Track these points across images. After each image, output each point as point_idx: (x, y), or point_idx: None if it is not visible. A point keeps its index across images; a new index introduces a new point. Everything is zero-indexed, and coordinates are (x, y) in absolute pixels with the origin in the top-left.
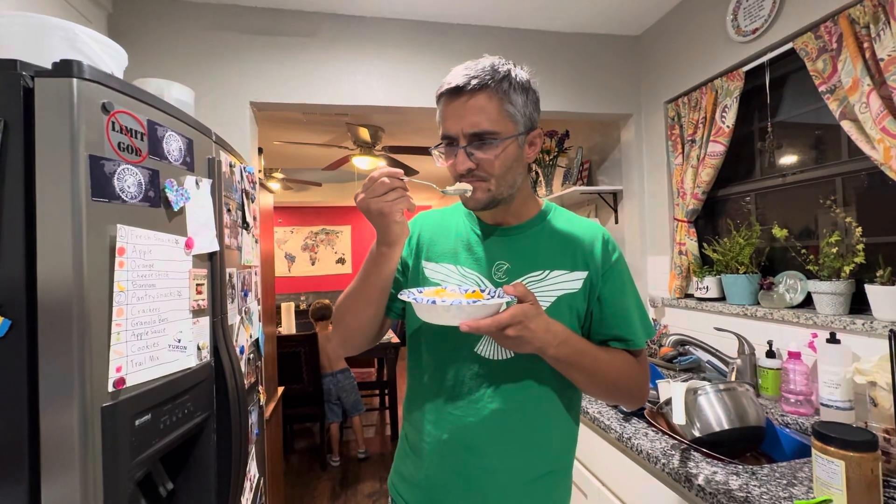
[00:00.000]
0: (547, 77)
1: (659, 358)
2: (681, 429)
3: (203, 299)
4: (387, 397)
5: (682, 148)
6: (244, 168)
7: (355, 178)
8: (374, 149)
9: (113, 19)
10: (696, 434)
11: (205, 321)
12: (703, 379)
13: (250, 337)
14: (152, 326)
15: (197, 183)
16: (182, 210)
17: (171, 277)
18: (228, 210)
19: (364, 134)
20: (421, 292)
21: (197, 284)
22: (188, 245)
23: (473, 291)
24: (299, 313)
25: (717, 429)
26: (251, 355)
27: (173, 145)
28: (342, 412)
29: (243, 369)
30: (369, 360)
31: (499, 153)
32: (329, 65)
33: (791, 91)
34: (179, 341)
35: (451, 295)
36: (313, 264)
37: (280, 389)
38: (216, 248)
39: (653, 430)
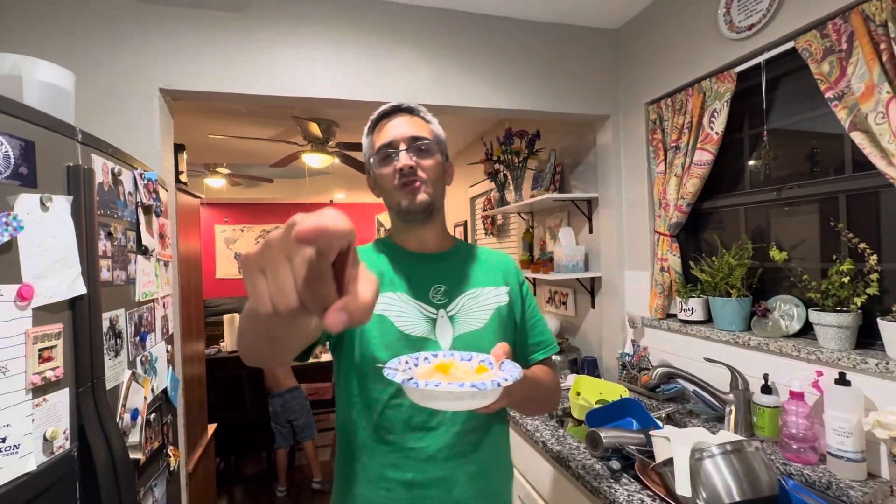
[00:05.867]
0: (516, 71)
1: (640, 385)
2: (683, 498)
3: (55, 367)
4: None
5: (665, 155)
6: (140, 175)
7: (306, 175)
8: (327, 145)
9: None
10: None
11: (60, 397)
12: (690, 412)
13: (152, 392)
14: None
15: (43, 203)
16: (10, 245)
17: None
18: (109, 234)
19: (314, 129)
20: (416, 365)
21: (41, 349)
22: (23, 296)
23: (476, 363)
24: None
25: (727, 501)
26: (153, 415)
27: None
28: (293, 435)
29: (137, 439)
30: (323, 376)
31: (433, 159)
32: (262, 47)
33: (785, 95)
34: (4, 440)
35: (459, 373)
36: None
37: (211, 428)
38: (81, 290)
39: (649, 496)
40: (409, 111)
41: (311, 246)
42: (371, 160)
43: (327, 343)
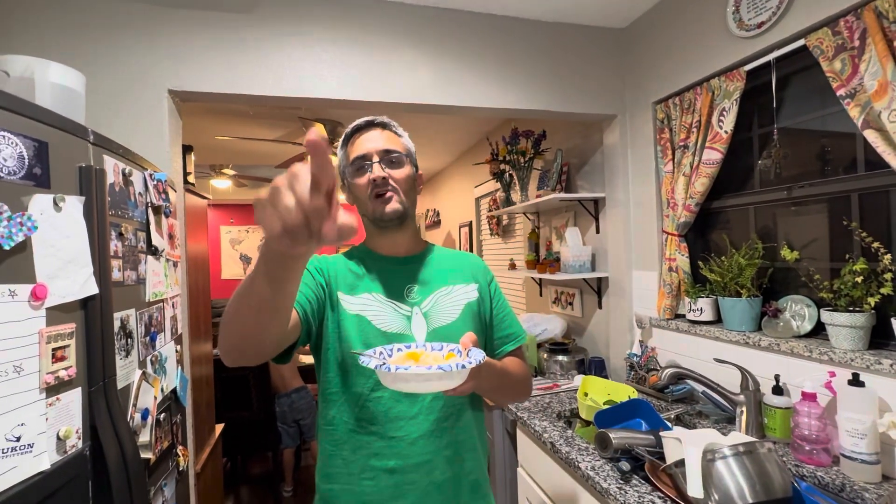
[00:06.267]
0: (522, 70)
1: (649, 386)
2: (695, 500)
3: (68, 367)
4: None
5: (673, 154)
6: (150, 175)
7: None
8: (333, 146)
9: None
10: None
11: (72, 396)
12: (699, 413)
13: (161, 391)
14: None
15: (56, 203)
16: (25, 245)
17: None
18: (120, 234)
19: (320, 130)
20: (390, 356)
21: (55, 349)
22: (37, 295)
23: (445, 353)
24: None
25: (740, 503)
26: (162, 415)
27: (6, 152)
28: (300, 435)
29: (147, 439)
30: None
31: (404, 170)
32: (270, 48)
33: (795, 94)
34: (19, 438)
35: (429, 359)
36: None
37: (219, 428)
38: (93, 290)
39: (660, 498)
40: (382, 125)
41: (318, 156)
42: (346, 171)
43: (308, 345)
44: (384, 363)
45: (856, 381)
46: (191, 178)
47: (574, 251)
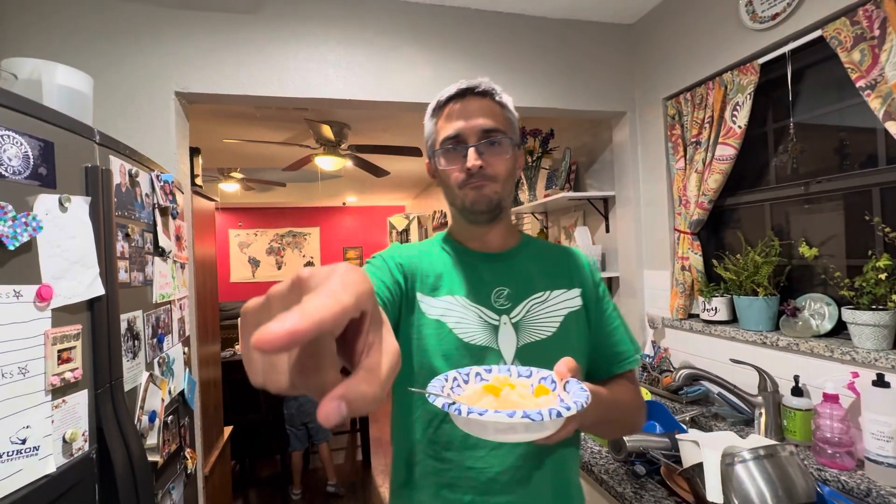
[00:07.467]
0: (530, 69)
1: (662, 388)
2: None
3: (74, 368)
4: (358, 418)
5: (685, 150)
6: (157, 176)
7: (318, 179)
8: (340, 148)
9: None
10: None
11: (79, 398)
12: (715, 415)
13: (169, 394)
14: None
15: (61, 203)
16: (29, 246)
17: (4, 350)
18: (127, 235)
19: (327, 132)
20: (465, 381)
21: (61, 350)
22: (42, 296)
23: (534, 386)
24: None
25: None
26: (170, 417)
27: (10, 151)
28: (308, 438)
29: (154, 442)
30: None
31: (505, 154)
32: (275, 49)
33: (811, 87)
34: (24, 441)
35: (513, 396)
36: (280, 269)
37: (227, 430)
38: (99, 291)
39: (676, 502)
40: (483, 94)
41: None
42: (434, 149)
43: None
44: (454, 402)
45: (880, 382)
46: (198, 181)
47: (583, 251)
